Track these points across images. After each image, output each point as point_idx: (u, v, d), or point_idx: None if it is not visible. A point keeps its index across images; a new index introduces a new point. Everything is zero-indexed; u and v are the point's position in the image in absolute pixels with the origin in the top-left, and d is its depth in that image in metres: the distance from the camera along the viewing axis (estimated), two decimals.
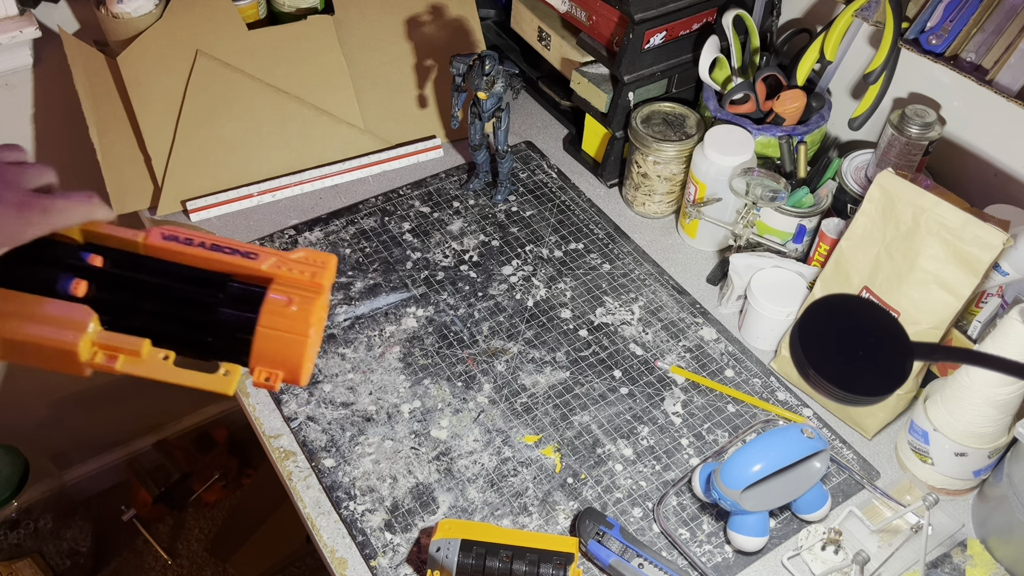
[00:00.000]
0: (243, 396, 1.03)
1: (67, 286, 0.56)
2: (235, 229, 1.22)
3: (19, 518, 1.72)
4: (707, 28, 1.22)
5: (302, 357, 0.56)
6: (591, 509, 0.92)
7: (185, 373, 0.56)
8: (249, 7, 1.27)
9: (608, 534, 0.89)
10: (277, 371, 0.57)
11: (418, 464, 0.98)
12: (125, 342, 0.55)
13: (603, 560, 0.88)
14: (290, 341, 0.56)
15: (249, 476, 2.04)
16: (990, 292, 0.95)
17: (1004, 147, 1.04)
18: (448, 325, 1.11)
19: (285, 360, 0.56)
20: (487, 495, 0.95)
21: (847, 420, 1.03)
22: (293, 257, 0.59)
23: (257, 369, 0.57)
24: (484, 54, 1.12)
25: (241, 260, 0.58)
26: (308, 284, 0.58)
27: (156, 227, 0.59)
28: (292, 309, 0.56)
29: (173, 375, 0.56)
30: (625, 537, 0.89)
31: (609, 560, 0.88)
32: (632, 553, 0.88)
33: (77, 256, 0.57)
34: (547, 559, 0.85)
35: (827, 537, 0.91)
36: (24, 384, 1.72)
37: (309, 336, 0.56)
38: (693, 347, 1.10)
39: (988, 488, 0.93)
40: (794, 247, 1.13)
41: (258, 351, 0.56)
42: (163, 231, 0.59)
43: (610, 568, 0.88)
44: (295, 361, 0.56)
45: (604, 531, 0.89)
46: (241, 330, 0.57)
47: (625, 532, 0.89)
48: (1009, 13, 0.94)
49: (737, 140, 1.12)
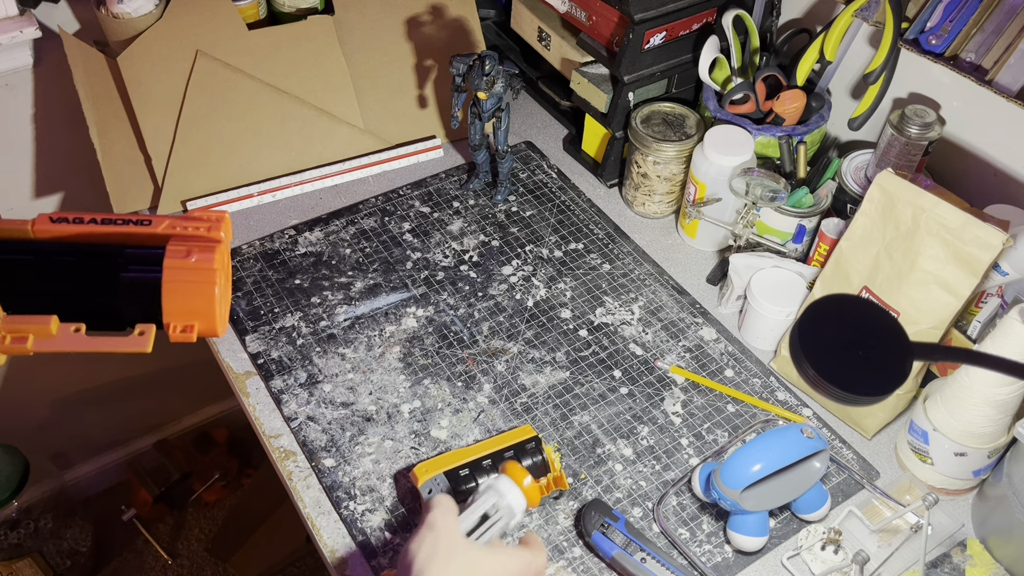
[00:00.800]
0: (243, 396, 1.03)
1: None
2: (235, 229, 1.22)
3: (19, 518, 1.72)
4: (707, 28, 1.22)
5: (213, 304, 0.57)
6: (598, 500, 0.91)
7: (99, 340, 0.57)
8: (249, 7, 1.27)
9: (613, 527, 0.89)
10: (191, 322, 0.58)
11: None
12: (32, 321, 0.56)
13: (606, 552, 0.88)
14: (197, 290, 0.57)
15: (249, 476, 2.04)
16: (990, 292, 0.96)
17: (1004, 147, 1.04)
18: (448, 325, 1.11)
19: (196, 310, 0.57)
20: None
21: (847, 420, 1.03)
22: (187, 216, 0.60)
23: (171, 325, 0.57)
24: (484, 54, 1.13)
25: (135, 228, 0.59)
26: (205, 237, 0.59)
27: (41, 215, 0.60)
28: (192, 260, 0.57)
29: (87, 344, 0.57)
30: (630, 531, 0.89)
31: (612, 552, 0.87)
32: (635, 547, 0.88)
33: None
34: (521, 450, 0.93)
35: (827, 537, 0.91)
36: (24, 384, 1.72)
37: (216, 283, 0.57)
38: (693, 347, 1.10)
39: (988, 488, 0.93)
40: (794, 247, 1.13)
41: (168, 306, 0.57)
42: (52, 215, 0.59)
43: (612, 560, 0.88)
44: (207, 309, 0.57)
45: (609, 523, 0.89)
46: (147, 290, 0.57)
47: (630, 526, 0.90)
48: (1009, 13, 0.94)
49: (737, 140, 1.12)
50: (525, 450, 0.93)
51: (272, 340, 1.08)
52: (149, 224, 0.60)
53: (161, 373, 1.89)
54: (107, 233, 0.60)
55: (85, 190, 1.50)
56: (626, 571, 0.87)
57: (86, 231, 0.59)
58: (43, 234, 0.60)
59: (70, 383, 1.79)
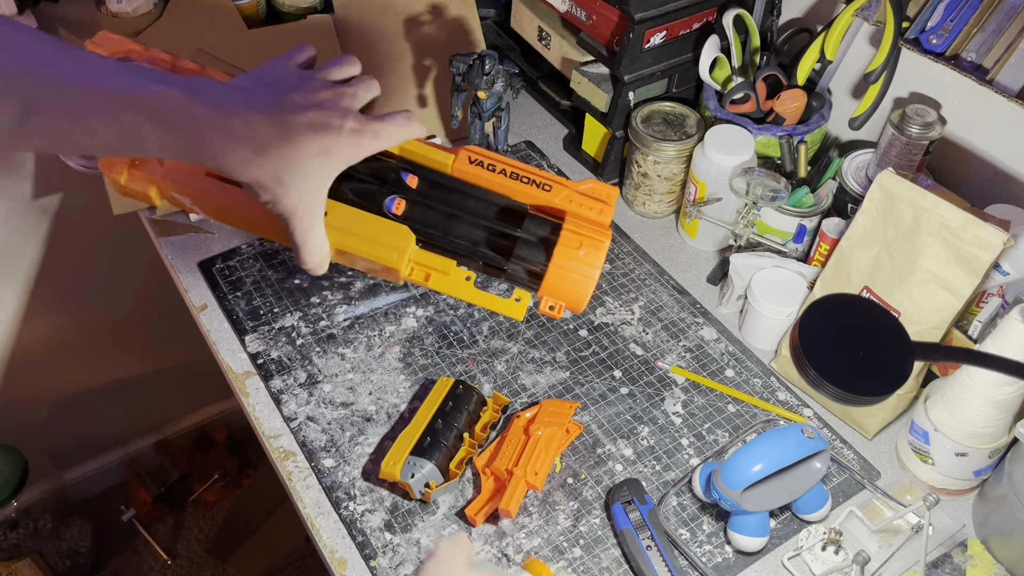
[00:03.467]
0: (242, 396, 1.03)
1: (390, 205, 0.63)
2: (235, 229, 1.22)
3: (19, 518, 1.72)
4: (707, 28, 1.22)
5: (587, 294, 0.63)
6: (635, 480, 0.94)
7: (484, 296, 0.64)
8: (249, 6, 1.27)
9: (636, 507, 0.92)
10: (561, 302, 0.63)
11: None
12: (437, 262, 0.63)
13: (619, 524, 0.91)
14: (578, 282, 0.62)
15: (249, 476, 2.04)
16: (991, 292, 0.95)
17: (1004, 147, 1.04)
18: (448, 325, 1.11)
19: (570, 295, 0.63)
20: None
21: (847, 420, 1.03)
22: (580, 189, 0.65)
23: (545, 299, 0.63)
24: (484, 54, 1.12)
25: (536, 191, 0.64)
26: (595, 222, 0.63)
27: (463, 149, 0.65)
28: (581, 254, 0.62)
29: (474, 296, 0.64)
30: (649, 517, 0.91)
31: (623, 527, 0.90)
32: (648, 533, 0.90)
33: (398, 175, 0.64)
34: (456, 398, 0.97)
35: (827, 537, 0.91)
36: (24, 384, 1.72)
37: (594, 280, 0.62)
38: (693, 347, 1.10)
39: (988, 488, 0.93)
40: (794, 247, 1.13)
41: (548, 285, 0.63)
42: (470, 154, 0.65)
43: (621, 534, 0.90)
44: (580, 296, 0.63)
45: (635, 501, 0.92)
46: (536, 264, 0.63)
47: (653, 514, 0.91)
48: (1009, 13, 0.94)
49: (737, 140, 1.12)
50: (459, 396, 0.97)
51: (272, 340, 1.08)
52: (549, 190, 0.64)
53: (161, 373, 1.89)
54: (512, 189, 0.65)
55: (85, 190, 1.51)
56: (629, 549, 0.89)
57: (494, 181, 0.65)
58: (459, 173, 0.65)
59: (70, 383, 1.79)
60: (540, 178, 0.64)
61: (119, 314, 1.74)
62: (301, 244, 0.60)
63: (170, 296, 1.32)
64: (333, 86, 0.61)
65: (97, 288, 1.67)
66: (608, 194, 0.64)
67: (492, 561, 0.90)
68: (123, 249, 1.62)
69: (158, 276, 1.35)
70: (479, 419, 0.98)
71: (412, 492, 0.91)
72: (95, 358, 1.78)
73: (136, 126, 0.54)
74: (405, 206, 0.63)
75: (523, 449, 0.93)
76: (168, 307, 1.58)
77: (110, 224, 1.37)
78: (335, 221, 0.62)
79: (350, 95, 0.61)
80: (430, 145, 0.65)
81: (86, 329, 1.72)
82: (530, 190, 0.64)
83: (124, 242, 1.59)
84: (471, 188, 0.65)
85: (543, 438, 0.94)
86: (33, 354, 1.68)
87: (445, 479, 0.92)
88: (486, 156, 0.65)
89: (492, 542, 0.91)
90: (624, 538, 0.90)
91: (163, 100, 0.54)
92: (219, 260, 1.18)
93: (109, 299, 1.70)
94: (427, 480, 0.91)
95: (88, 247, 1.60)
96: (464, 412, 0.96)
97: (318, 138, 0.57)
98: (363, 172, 0.64)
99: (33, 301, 1.62)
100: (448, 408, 0.96)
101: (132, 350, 1.82)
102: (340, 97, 0.60)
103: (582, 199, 0.64)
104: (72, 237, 1.57)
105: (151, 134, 0.55)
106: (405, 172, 0.64)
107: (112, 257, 1.64)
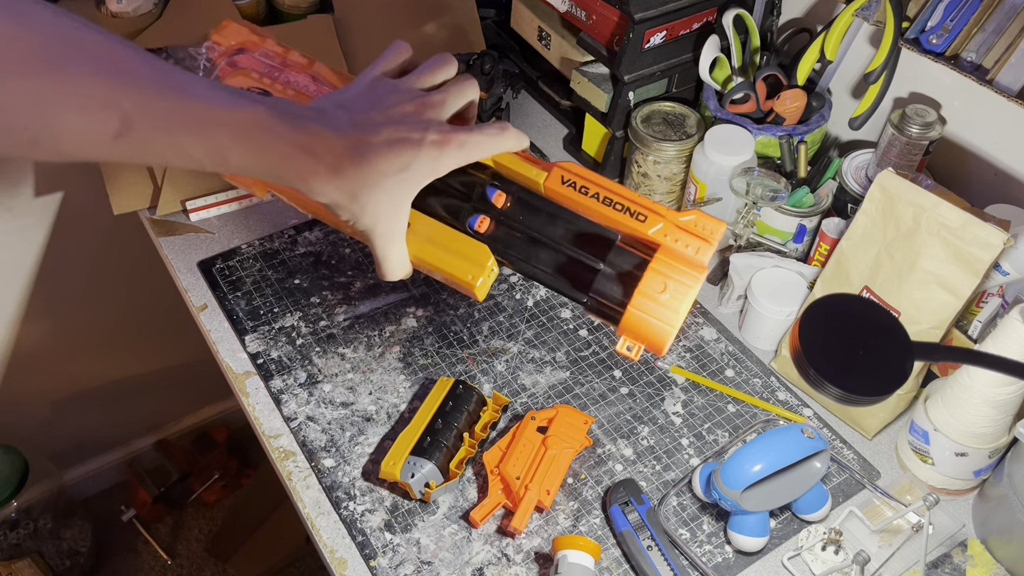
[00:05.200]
0: (242, 396, 1.03)
1: (473, 223, 0.63)
2: (235, 229, 1.22)
3: (19, 518, 1.72)
4: (707, 27, 1.22)
5: (666, 341, 0.60)
6: (631, 480, 0.94)
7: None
8: (248, 5, 1.27)
9: (634, 507, 0.91)
10: (639, 344, 0.61)
11: None
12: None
13: (618, 526, 0.90)
14: (656, 328, 0.59)
15: (249, 476, 2.04)
16: (990, 292, 0.95)
17: (1004, 147, 1.04)
18: (448, 325, 1.11)
19: (648, 338, 0.60)
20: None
21: (847, 420, 1.03)
22: (681, 222, 0.60)
23: (623, 338, 0.61)
24: (484, 53, 1.12)
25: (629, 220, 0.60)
26: (689, 262, 0.59)
27: (557, 167, 0.62)
28: (664, 297, 0.58)
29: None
30: (648, 517, 0.91)
31: (622, 528, 0.90)
32: (647, 533, 0.90)
33: (484, 192, 0.63)
34: (457, 398, 0.97)
35: (827, 537, 0.91)
36: (24, 384, 1.72)
37: (674, 327, 0.59)
38: (693, 347, 1.10)
39: (988, 488, 0.93)
40: (794, 247, 1.13)
41: (626, 325, 0.60)
42: (563, 173, 0.62)
43: (621, 536, 0.90)
44: (659, 342, 0.60)
45: (632, 502, 0.91)
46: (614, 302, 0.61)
47: (651, 514, 0.91)
48: (1010, 13, 0.94)
49: (737, 140, 1.12)
50: (459, 396, 0.97)
51: (272, 340, 1.08)
52: (644, 220, 0.60)
53: (161, 373, 1.89)
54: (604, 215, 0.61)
55: (85, 190, 1.50)
56: (630, 550, 0.89)
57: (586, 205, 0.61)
58: (551, 194, 0.63)
59: (70, 383, 1.79)
60: (636, 206, 0.60)
61: (119, 314, 1.74)
62: (382, 259, 0.61)
63: (170, 296, 1.32)
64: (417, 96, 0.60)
65: (97, 288, 1.67)
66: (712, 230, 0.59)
67: (492, 561, 0.90)
68: (123, 249, 1.62)
69: (158, 276, 1.35)
70: (479, 419, 0.98)
71: (412, 492, 0.91)
72: (95, 358, 1.78)
73: (223, 142, 0.54)
74: (488, 225, 0.62)
75: (539, 462, 0.93)
76: (168, 307, 1.58)
77: (110, 224, 1.37)
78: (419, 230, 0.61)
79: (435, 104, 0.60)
80: (524, 158, 0.63)
81: (86, 329, 1.72)
82: (623, 218, 0.60)
83: (124, 242, 1.59)
84: (559, 210, 0.62)
85: (559, 456, 0.93)
86: (33, 354, 1.69)
87: (445, 479, 0.92)
88: (580, 177, 0.62)
89: (492, 542, 0.91)
90: (624, 539, 0.90)
91: (250, 117, 0.54)
92: (219, 260, 1.18)
93: (109, 299, 1.70)
94: (427, 480, 0.91)
95: (88, 247, 1.60)
96: (464, 412, 0.96)
97: (395, 155, 0.56)
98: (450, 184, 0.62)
99: (33, 301, 1.62)
100: (448, 408, 0.96)
101: (132, 350, 1.82)
102: (423, 108, 0.59)
103: (680, 234, 0.59)
104: (72, 237, 1.57)
105: (236, 151, 0.55)
106: (492, 188, 0.63)
107: (112, 257, 1.64)
